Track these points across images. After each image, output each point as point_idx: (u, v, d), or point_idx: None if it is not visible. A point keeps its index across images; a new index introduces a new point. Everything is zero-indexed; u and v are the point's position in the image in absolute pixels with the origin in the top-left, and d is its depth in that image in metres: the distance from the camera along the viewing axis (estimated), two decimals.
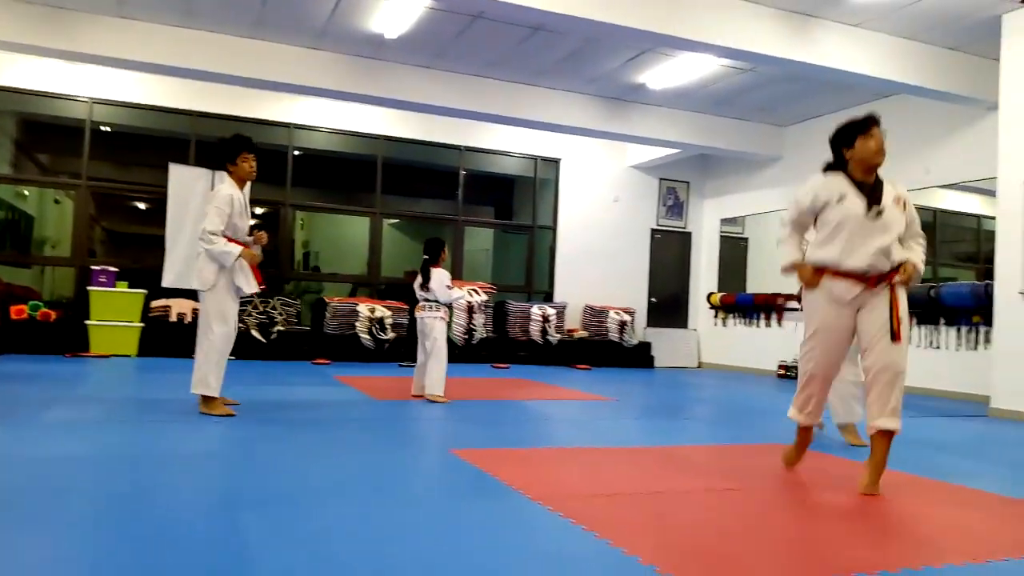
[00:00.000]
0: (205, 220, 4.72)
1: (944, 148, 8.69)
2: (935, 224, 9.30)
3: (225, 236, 4.73)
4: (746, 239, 12.11)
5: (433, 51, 8.64)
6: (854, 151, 3.45)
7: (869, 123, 3.46)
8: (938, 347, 8.30)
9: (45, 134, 11.16)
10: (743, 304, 11.36)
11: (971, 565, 2.45)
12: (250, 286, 4.83)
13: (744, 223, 12.09)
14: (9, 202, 11.06)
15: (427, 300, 6.12)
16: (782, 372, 10.43)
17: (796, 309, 10.27)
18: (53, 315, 8.98)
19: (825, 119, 10.25)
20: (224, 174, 4.89)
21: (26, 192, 11.52)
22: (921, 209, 4.12)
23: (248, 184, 5.00)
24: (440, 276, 6.13)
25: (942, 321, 8.26)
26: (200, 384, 4.73)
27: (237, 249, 4.74)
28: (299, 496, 2.96)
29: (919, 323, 8.44)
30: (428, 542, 2.44)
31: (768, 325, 10.96)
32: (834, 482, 3.67)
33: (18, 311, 8.78)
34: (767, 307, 10.91)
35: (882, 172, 3.52)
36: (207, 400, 4.76)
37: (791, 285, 12.03)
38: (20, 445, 3.70)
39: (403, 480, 3.37)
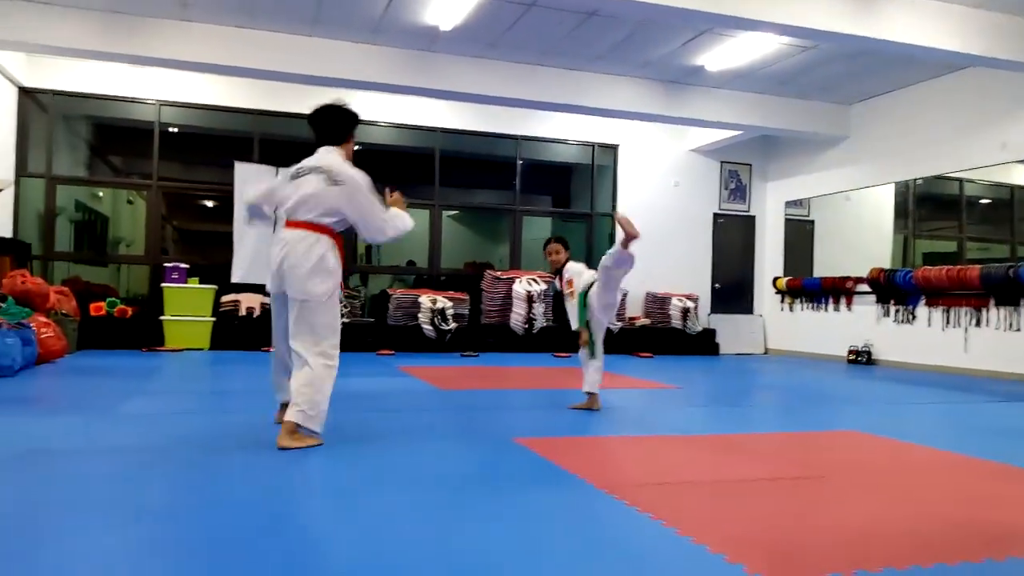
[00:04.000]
0: (376, 209, 3.83)
1: (1021, 121, 8.29)
2: (1012, 201, 8.86)
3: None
4: (812, 222, 11.80)
5: (487, 41, 8.64)
6: None
7: None
8: (1018, 329, 7.95)
9: (116, 137, 11.57)
10: (810, 288, 11.09)
11: None
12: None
13: (810, 205, 11.79)
14: (85, 204, 11.51)
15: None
16: (852, 357, 10.16)
17: (867, 292, 9.98)
18: (130, 311, 9.33)
19: (892, 96, 9.90)
20: (335, 149, 3.86)
21: (100, 194, 11.98)
22: (997, 186, 3.93)
23: None
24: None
25: (1023, 302, 7.91)
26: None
27: None
28: (366, 485, 3.01)
29: (997, 304, 8.11)
30: (493, 531, 2.45)
31: (836, 309, 10.66)
32: (911, 468, 3.55)
33: (97, 308, 9.15)
34: (835, 291, 10.62)
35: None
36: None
37: (860, 268, 11.60)
38: (98, 435, 3.86)
39: (468, 469, 3.39)
